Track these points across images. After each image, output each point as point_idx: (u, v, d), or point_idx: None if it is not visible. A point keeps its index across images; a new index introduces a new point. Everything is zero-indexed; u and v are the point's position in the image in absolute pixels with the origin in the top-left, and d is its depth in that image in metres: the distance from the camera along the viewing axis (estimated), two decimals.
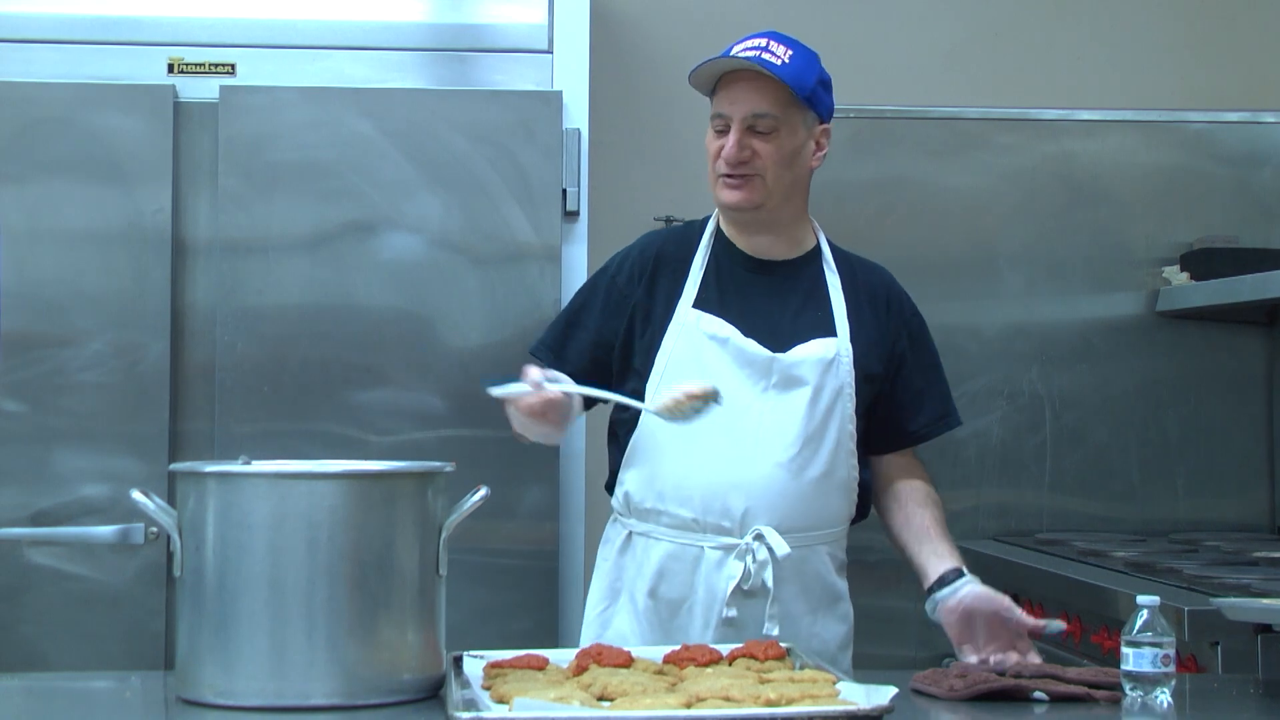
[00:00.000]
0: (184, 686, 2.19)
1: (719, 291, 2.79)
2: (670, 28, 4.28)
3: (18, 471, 3.38)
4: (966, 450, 4.20)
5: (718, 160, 2.76)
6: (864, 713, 1.98)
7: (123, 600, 3.38)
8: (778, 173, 2.76)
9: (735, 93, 2.74)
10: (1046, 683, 2.24)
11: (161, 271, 3.42)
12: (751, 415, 2.71)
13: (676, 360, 2.73)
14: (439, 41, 3.61)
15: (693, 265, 2.81)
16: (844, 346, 2.77)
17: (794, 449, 2.71)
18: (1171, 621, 2.43)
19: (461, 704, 2.04)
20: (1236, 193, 4.26)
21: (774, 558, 2.67)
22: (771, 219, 2.81)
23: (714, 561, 2.70)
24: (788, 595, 2.71)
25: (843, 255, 2.91)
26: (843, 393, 2.76)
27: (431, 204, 3.47)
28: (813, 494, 2.73)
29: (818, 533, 2.76)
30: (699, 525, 2.71)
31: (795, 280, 2.83)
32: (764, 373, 2.73)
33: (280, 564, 2.14)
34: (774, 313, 2.78)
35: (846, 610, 2.84)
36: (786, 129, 2.75)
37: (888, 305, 2.88)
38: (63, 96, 3.42)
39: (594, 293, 2.87)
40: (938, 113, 4.26)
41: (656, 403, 2.61)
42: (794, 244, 2.86)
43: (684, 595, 2.72)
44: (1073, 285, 4.24)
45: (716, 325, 2.75)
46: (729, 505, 2.69)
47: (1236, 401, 4.22)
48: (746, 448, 2.70)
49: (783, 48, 2.75)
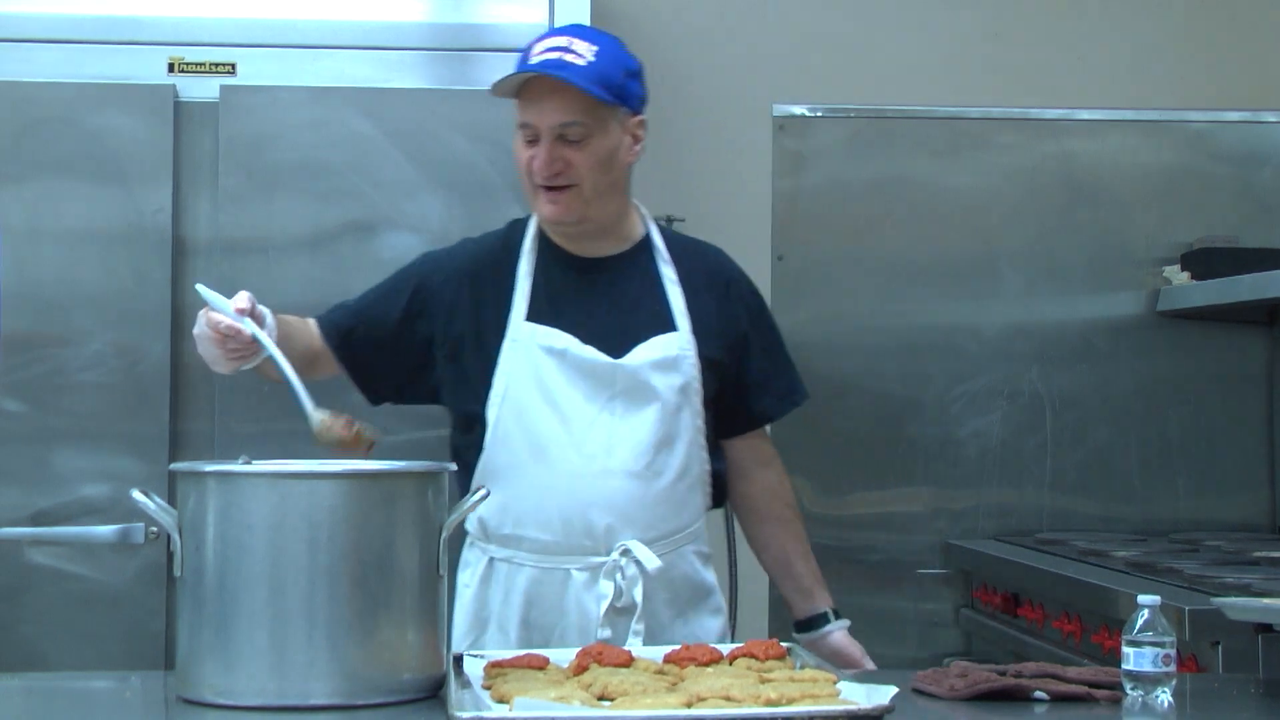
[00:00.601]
0: (184, 686, 2.19)
1: (550, 299, 2.69)
2: (670, 28, 4.28)
3: (18, 471, 3.38)
4: (967, 450, 4.21)
5: (532, 173, 2.64)
6: (865, 712, 1.98)
7: (123, 600, 3.38)
8: (595, 179, 2.65)
9: (541, 102, 2.61)
10: (1047, 682, 2.24)
11: (162, 271, 3.42)
12: (600, 427, 2.64)
13: (515, 378, 2.65)
14: (440, 41, 3.61)
15: (519, 275, 2.71)
16: (685, 340, 2.69)
17: (648, 456, 2.64)
18: (1172, 621, 2.43)
19: (462, 704, 2.04)
20: (1237, 192, 4.27)
21: (644, 571, 2.61)
22: (595, 226, 2.71)
23: (582, 583, 2.64)
24: (656, 604, 2.65)
25: (675, 240, 2.82)
26: (690, 388, 2.68)
27: (432, 204, 3.47)
28: (670, 498, 2.67)
29: (681, 535, 2.70)
30: (561, 547, 2.63)
31: (628, 276, 2.74)
32: (608, 382, 2.64)
33: (280, 564, 2.13)
34: (610, 314, 2.70)
35: (719, 603, 2.78)
36: (599, 133, 2.64)
37: (726, 287, 2.79)
38: (63, 96, 3.42)
39: (396, 292, 2.75)
40: (938, 112, 4.26)
41: (321, 419, 2.46)
42: (622, 239, 2.77)
43: (555, 620, 2.64)
44: (1073, 285, 4.24)
45: (553, 336, 2.65)
46: (590, 523, 2.62)
47: (1237, 401, 4.22)
48: (599, 461, 2.63)
49: (585, 44, 2.62)
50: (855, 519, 4.21)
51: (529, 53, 2.65)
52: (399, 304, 2.75)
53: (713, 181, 4.25)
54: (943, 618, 4.14)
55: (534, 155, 2.63)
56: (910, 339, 4.24)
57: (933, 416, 4.22)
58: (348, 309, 2.79)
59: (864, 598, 4.16)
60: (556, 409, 2.64)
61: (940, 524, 4.20)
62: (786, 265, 4.23)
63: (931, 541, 4.17)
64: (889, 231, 4.24)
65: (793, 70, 4.29)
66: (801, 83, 4.29)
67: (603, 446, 2.63)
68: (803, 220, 4.26)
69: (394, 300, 2.77)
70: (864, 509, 4.22)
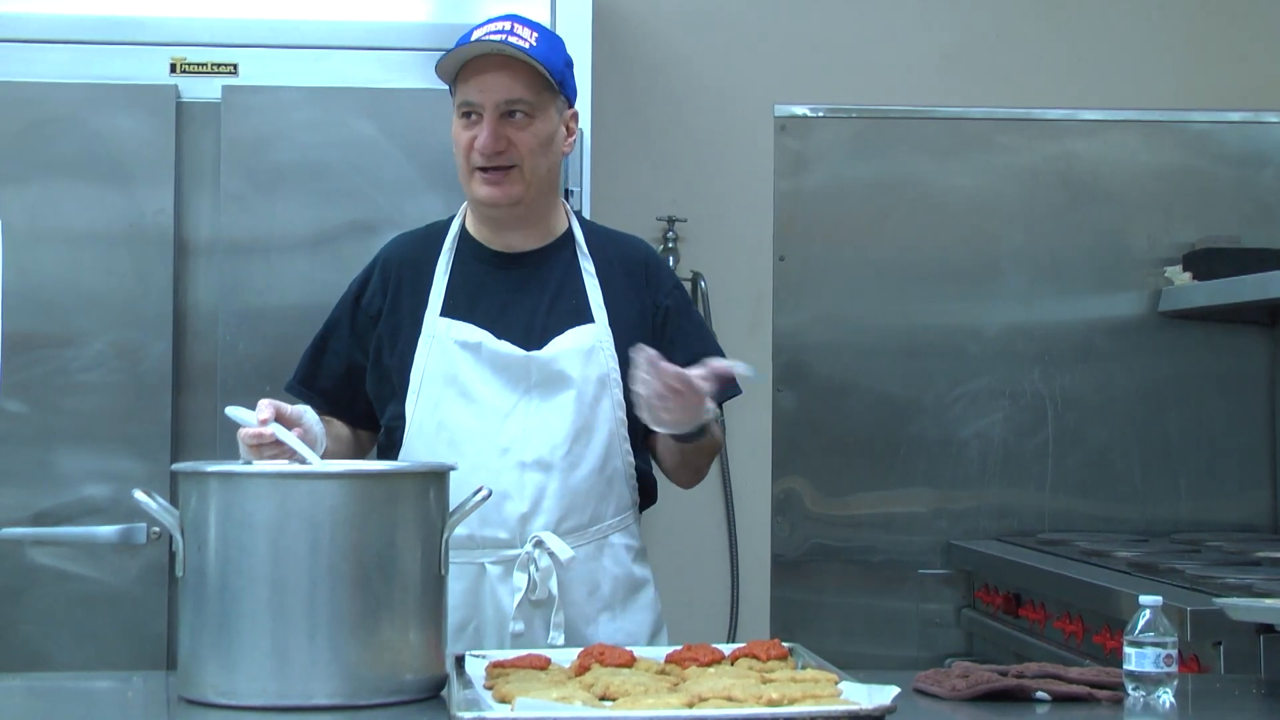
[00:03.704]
0: (186, 686, 2.19)
1: (467, 295, 2.69)
2: (672, 28, 4.28)
3: (20, 471, 3.38)
4: (968, 450, 4.21)
5: (471, 153, 2.64)
6: (866, 712, 1.98)
7: (124, 600, 3.38)
8: (535, 162, 2.65)
9: (486, 80, 2.62)
10: (1049, 683, 2.24)
11: (163, 271, 3.42)
12: (515, 420, 2.63)
13: (431, 374, 2.64)
14: (441, 41, 3.58)
15: (436, 271, 2.71)
16: (602, 332, 2.67)
17: (564, 448, 2.62)
18: (1174, 621, 2.43)
19: (464, 704, 2.04)
20: (1238, 193, 4.27)
21: (557, 563, 2.59)
22: (528, 212, 2.70)
23: (496, 576, 2.62)
24: (577, 598, 2.63)
25: (597, 234, 2.80)
26: (608, 379, 2.66)
27: (433, 204, 3.47)
28: (588, 491, 2.65)
29: (601, 526, 2.68)
30: (475, 541, 2.61)
31: (547, 271, 2.72)
32: (522, 375, 2.63)
33: (282, 564, 2.13)
34: (527, 309, 2.68)
35: (650, 598, 2.75)
36: (541, 115, 2.65)
37: (645, 279, 2.77)
38: (65, 97, 3.43)
39: (340, 319, 2.77)
40: (939, 113, 4.27)
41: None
42: (545, 233, 2.75)
43: (470, 616, 2.62)
44: (1074, 285, 4.24)
45: (467, 331, 2.65)
46: (504, 515, 2.60)
47: (1239, 401, 4.22)
48: (514, 454, 2.61)
49: (528, 30, 2.64)
50: (857, 519, 4.21)
51: (468, 36, 2.66)
52: (345, 328, 2.76)
53: (714, 182, 4.25)
54: (944, 618, 4.14)
55: (475, 135, 2.63)
56: (912, 339, 4.24)
57: (934, 417, 4.23)
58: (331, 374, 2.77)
59: (866, 598, 4.16)
60: (472, 403, 2.64)
61: (942, 524, 4.20)
62: (788, 265, 4.24)
63: (933, 542, 4.18)
64: (890, 232, 4.24)
65: (794, 71, 4.30)
66: (803, 83, 4.30)
67: (518, 439, 2.62)
68: (804, 220, 4.26)
69: (340, 325, 2.77)
70: (865, 509, 4.22)
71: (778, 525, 4.19)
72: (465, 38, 2.67)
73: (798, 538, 4.19)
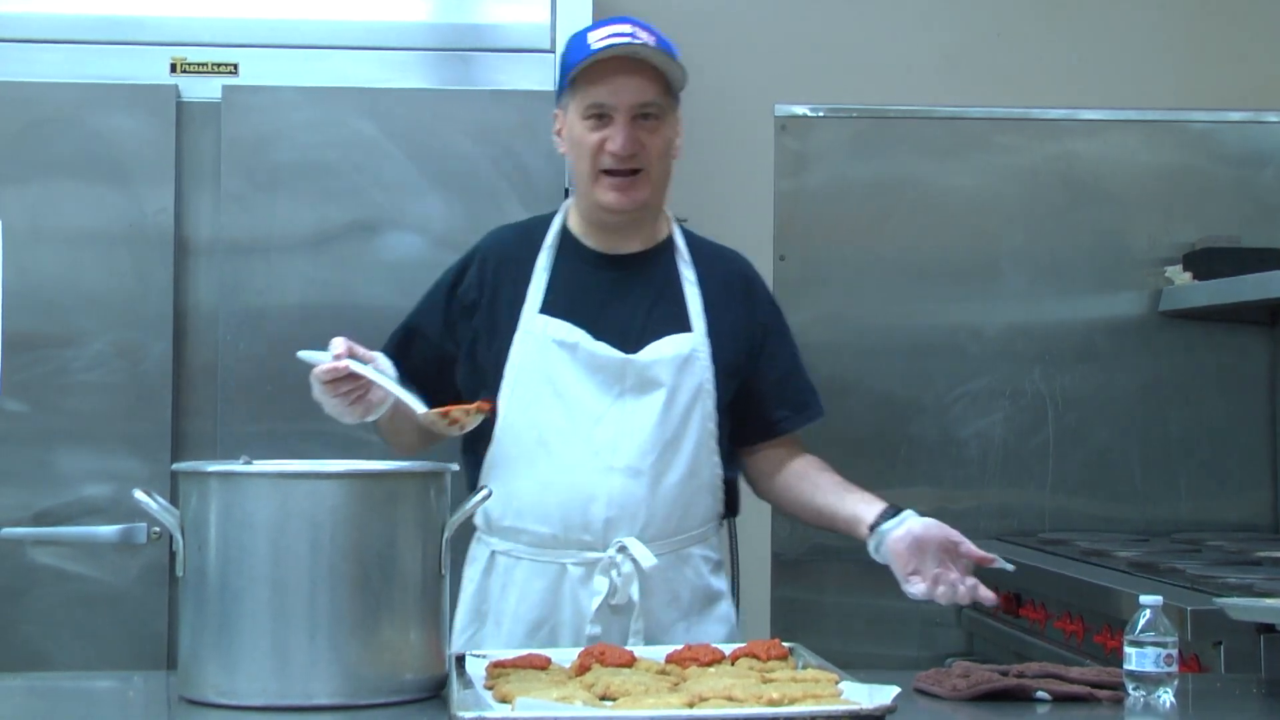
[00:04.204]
0: (186, 686, 2.19)
1: (567, 293, 2.69)
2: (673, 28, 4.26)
3: (20, 471, 3.38)
4: (969, 450, 4.21)
5: (599, 155, 2.63)
6: (867, 712, 1.98)
7: (125, 600, 3.38)
8: (660, 166, 2.67)
9: (619, 82, 2.62)
10: (1049, 682, 2.24)
11: (164, 271, 3.43)
12: (607, 423, 2.63)
13: (526, 371, 2.65)
14: (442, 41, 3.61)
15: (536, 268, 2.71)
16: (700, 342, 2.68)
17: (652, 454, 2.63)
18: (1174, 621, 2.43)
19: (464, 704, 2.04)
20: (1239, 192, 4.27)
21: (639, 570, 2.59)
22: (644, 217, 2.72)
23: (577, 578, 2.63)
24: (656, 606, 2.63)
25: (698, 244, 2.81)
26: (702, 390, 2.67)
27: (434, 204, 3.47)
28: (675, 499, 2.65)
29: (684, 536, 2.68)
30: (559, 541, 2.62)
31: (647, 275, 2.73)
32: (617, 377, 2.64)
33: (283, 564, 2.14)
34: (625, 311, 2.69)
35: (726, 611, 2.76)
36: (668, 119, 2.67)
37: (745, 294, 2.79)
38: (65, 96, 3.43)
39: (432, 308, 2.77)
40: (939, 113, 4.26)
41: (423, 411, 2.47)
42: (649, 237, 2.76)
43: (547, 615, 2.63)
44: (1075, 285, 4.24)
45: (565, 330, 2.65)
46: (589, 518, 2.61)
47: (1239, 401, 4.22)
48: (603, 457, 2.62)
49: (646, 34, 2.65)
50: None
51: (585, 40, 2.66)
52: (438, 316, 2.77)
53: (715, 181, 4.24)
54: (945, 618, 4.13)
55: (606, 136, 2.62)
56: (912, 339, 4.24)
57: (934, 417, 4.22)
58: (422, 356, 2.77)
59: (866, 598, 4.16)
60: (565, 403, 2.64)
61: None
62: (788, 265, 4.23)
63: None
64: (891, 232, 4.24)
65: (795, 70, 4.29)
66: (803, 83, 4.29)
67: (608, 442, 2.63)
68: (804, 220, 4.26)
69: (433, 313, 2.78)
70: None
71: (778, 525, 4.19)
72: (583, 41, 2.66)
73: (798, 538, 4.19)
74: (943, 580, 2.52)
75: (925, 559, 2.53)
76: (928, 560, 2.53)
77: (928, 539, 2.54)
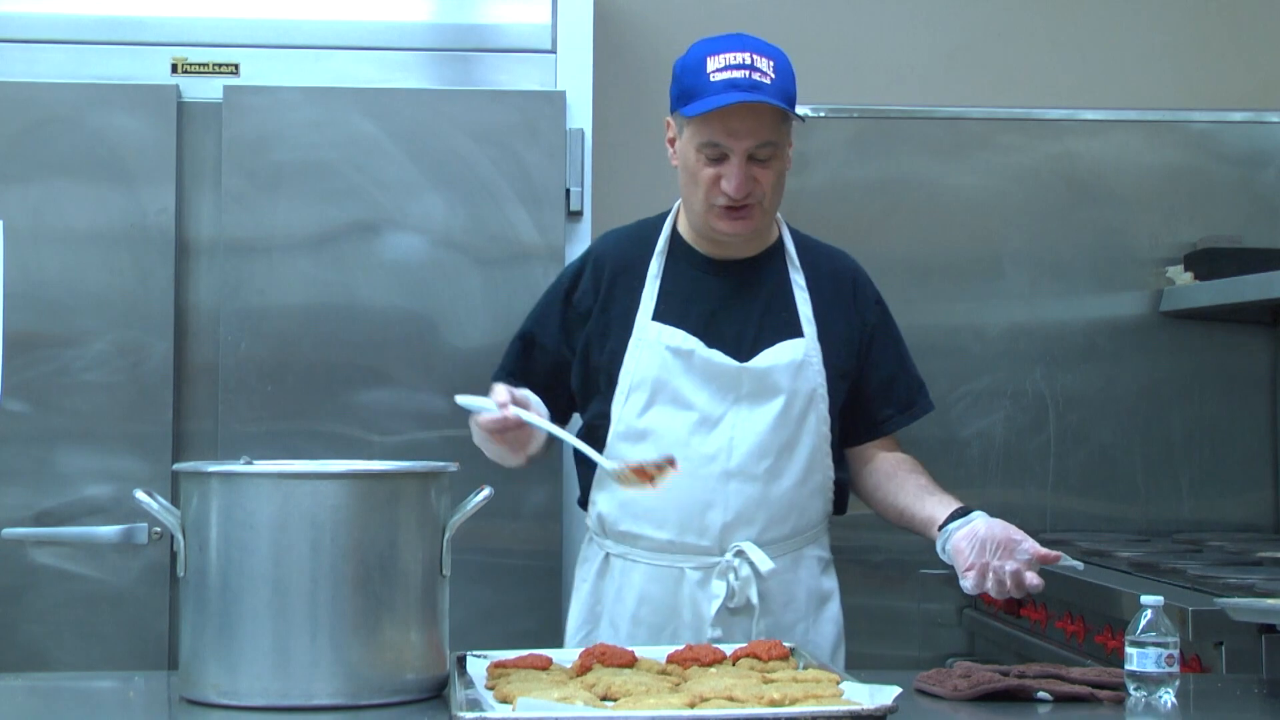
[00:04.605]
0: (187, 686, 2.19)
1: (679, 300, 2.72)
2: (674, 27, 4.28)
3: (21, 471, 3.38)
4: (970, 450, 4.20)
5: (713, 191, 2.65)
6: (868, 712, 1.98)
7: (126, 600, 3.38)
8: (775, 196, 2.71)
9: (734, 124, 2.63)
10: (1050, 683, 2.24)
11: (165, 271, 3.43)
12: (722, 429, 2.66)
13: (640, 378, 2.68)
14: (442, 41, 3.61)
15: (649, 274, 2.74)
16: (812, 347, 2.71)
17: (768, 459, 2.66)
18: (1175, 622, 2.43)
19: (465, 704, 2.04)
20: (1240, 192, 4.26)
21: (757, 574, 2.63)
22: (757, 235, 2.76)
23: (695, 582, 2.66)
24: (775, 608, 2.67)
25: (806, 245, 2.83)
26: (815, 395, 2.71)
27: (435, 204, 3.47)
28: (790, 503, 2.69)
29: (798, 538, 2.72)
30: (676, 546, 2.66)
31: (757, 280, 2.76)
32: (732, 384, 2.67)
33: (284, 564, 2.14)
34: (737, 318, 2.72)
35: (835, 611, 2.80)
36: (782, 151, 2.69)
37: (854, 294, 2.82)
38: (66, 97, 3.43)
39: (548, 314, 2.80)
40: (941, 113, 4.26)
41: (614, 467, 2.50)
42: (760, 243, 2.79)
43: (667, 619, 2.67)
44: (1076, 285, 4.24)
45: (679, 338, 2.68)
46: (706, 523, 2.65)
47: (1240, 401, 4.21)
48: (719, 462, 2.66)
49: (765, 60, 2.66)
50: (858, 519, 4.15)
51: (703, 70, 2.64)
52: (554, 323, 2.80)
53: None
54: (946, 618, 4.13)
55: (721, 174, 2.64)
56: (913, 339, 4.18)
57: (936, 416, 4.16)
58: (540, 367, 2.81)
59: (867, 598, 4.15)
60: (680, 409, 2.68)
61: None
62: None
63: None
64: (892, 232, 4.24)
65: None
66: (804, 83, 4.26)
67: (724, 448, 2.66)
68: (805, 220, 4.20)
69: (549, 321, 2.80)
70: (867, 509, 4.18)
71: None
72: (700, 66, 2.64)
73: None
74: (992, 572, 2.53)
75: (984, 556, 2.55)
76: (987, 557, 2.55)
77: (990, 537, 2.56)
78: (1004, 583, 2.52)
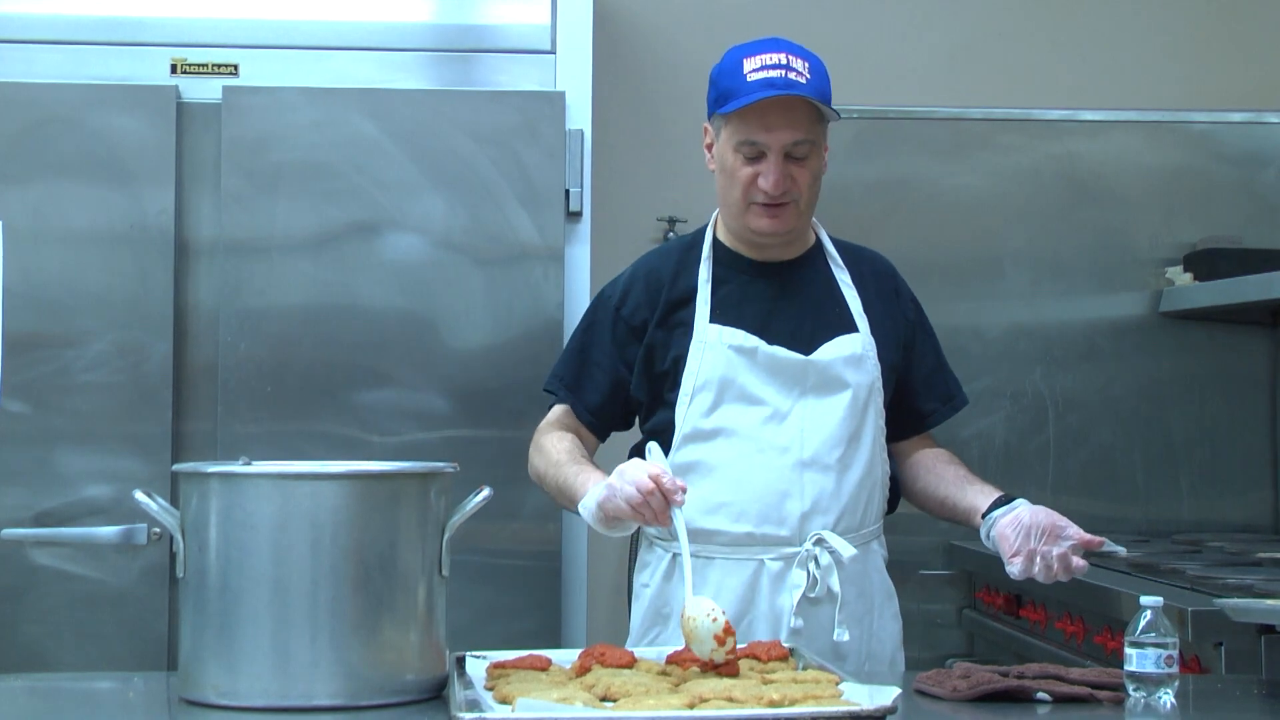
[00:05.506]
0: (187, 687, 2.19)
1: (733, 302, 2.75)
2: (674, 28, 4.28)
3: (21, 472, 3.38)
4: (970, 451, 4.20)
5: (751, 189, 2.69)
6: (867, 713, 1.98)
7: (126, 601, 3.38)
8: (811, 194, 2.74)
9: (771, 121, 2.66)
10: (1050, 683, 2.24)
11: (165, 272, 3.43)
12: (792, 421, 2.69)
13: (706, 379, 2.70)
14: (442, 42, 3.61)
15: (699, 281, 2.77)
16: (866, 341, 2.75)
17: (839, 449, 2.70)
18: (1175, 622, 2.43)
19: (464, 704, 2.04)
20: (1240, 193, 4.26)
21: (837, 561, 2.66)
22: (795, 235, 2.79)
23: (774, 573, 2.68)
24: (850, 597, 2.69)
25: (844, 247, 2.88)
26: (874, 387, 2.75)
27: (435, 204, 3.47)
28: (858, 493, 2.72)
29: (867, 530, 2.75)
30: (755, 539, 2.68)
31: (805, 280, 2.80)
32: (799, 378, 2.70)
33: (283, 564, 2.14)
34: (792, 316, 2.75)
35: (897, 608, 2.83)
36: (818, 149, 2.72)
37: (893, 292, 2.87)
38: (66, 97, 3.43)
39: (600, 329, 2.81)
40: (941, 113, 4.26)
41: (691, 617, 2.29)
42: (800, 244, 2.83)
43: (745, 611, 2.68)
44: (1076, 286, 4.24)
45: (740, 337, 2.71)
46: (785, 513, 2.67)
47: (1240, 402, 4.22)
48: (793, 453, 2.68)
49: (800, 61, 2.68)
50: None
51: (739, 71, 2.67)
52: (607, 342, 2.80)
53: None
54: (945, 619, 4.13)
55: (759, 172, 2.68)
56: None
57: None
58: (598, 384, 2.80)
59: None
60: (751, 405, 2.70)
61: (943, 525, 4.16)
62: None
63: (934, 542, 4.17)
64: (892, 232, 4.23)
65: None
66: None
67: (796, 439, 2.68)
68: None
69: (602, 342, 2.80)
70: None
71: None
72: (737, 67, 2.67)
73: None
74: (1040, 557, 2.55)
75: (1029, 543, 2.57)
76: (1032, 544, 2.57)
77: (1034, 524, 2.58)
78: (1051, 567, 2.55)
